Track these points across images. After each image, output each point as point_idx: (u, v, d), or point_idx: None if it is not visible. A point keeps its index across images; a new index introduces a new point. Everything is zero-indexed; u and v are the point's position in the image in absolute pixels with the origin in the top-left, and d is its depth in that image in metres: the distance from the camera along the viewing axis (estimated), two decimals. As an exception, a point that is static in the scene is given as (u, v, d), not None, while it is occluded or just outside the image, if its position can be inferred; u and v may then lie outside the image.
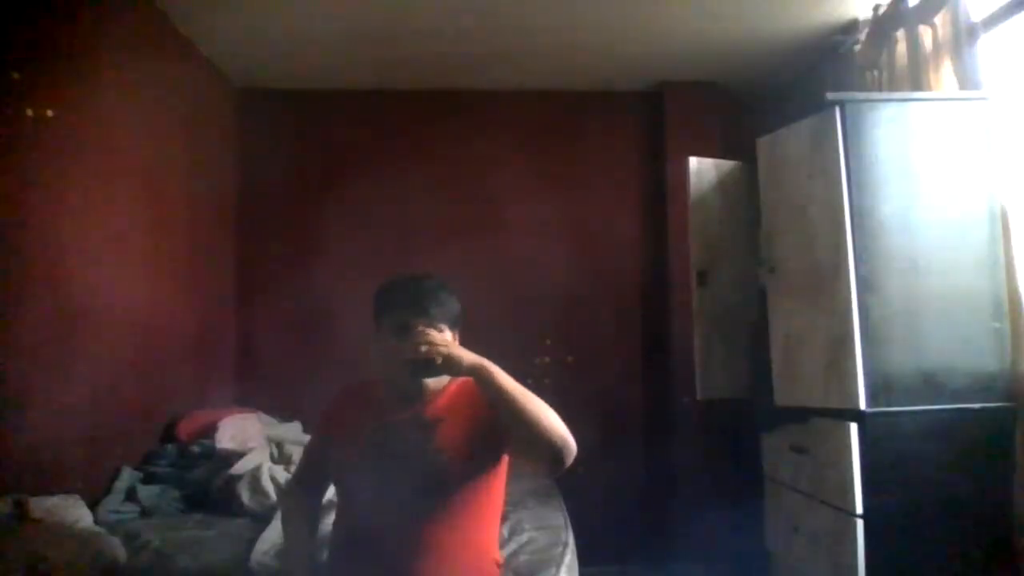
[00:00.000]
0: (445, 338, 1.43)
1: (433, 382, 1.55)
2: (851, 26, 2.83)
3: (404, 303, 1.49)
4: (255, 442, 2.58)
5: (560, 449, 1.34)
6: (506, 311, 3.50)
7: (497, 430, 1.45)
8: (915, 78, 2.39)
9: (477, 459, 1.49)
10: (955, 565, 1.94)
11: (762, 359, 2.39)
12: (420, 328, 1.41)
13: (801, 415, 2.22)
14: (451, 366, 1.37)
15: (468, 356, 1.37)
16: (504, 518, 2.17)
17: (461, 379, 1.58)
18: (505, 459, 1.56)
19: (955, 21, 2.26)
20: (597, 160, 3.69)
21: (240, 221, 3.54)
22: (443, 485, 1.46)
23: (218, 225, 3.38)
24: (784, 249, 2.28)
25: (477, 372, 1.36)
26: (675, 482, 3.43)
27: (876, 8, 2.61)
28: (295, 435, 2.81)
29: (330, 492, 1.73)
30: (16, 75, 1.94)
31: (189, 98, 3.04)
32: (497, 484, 1.56)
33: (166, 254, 2.78)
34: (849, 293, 1.99)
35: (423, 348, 1.35)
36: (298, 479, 1.72)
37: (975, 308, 2.03)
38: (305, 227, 3.54)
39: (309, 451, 1.72)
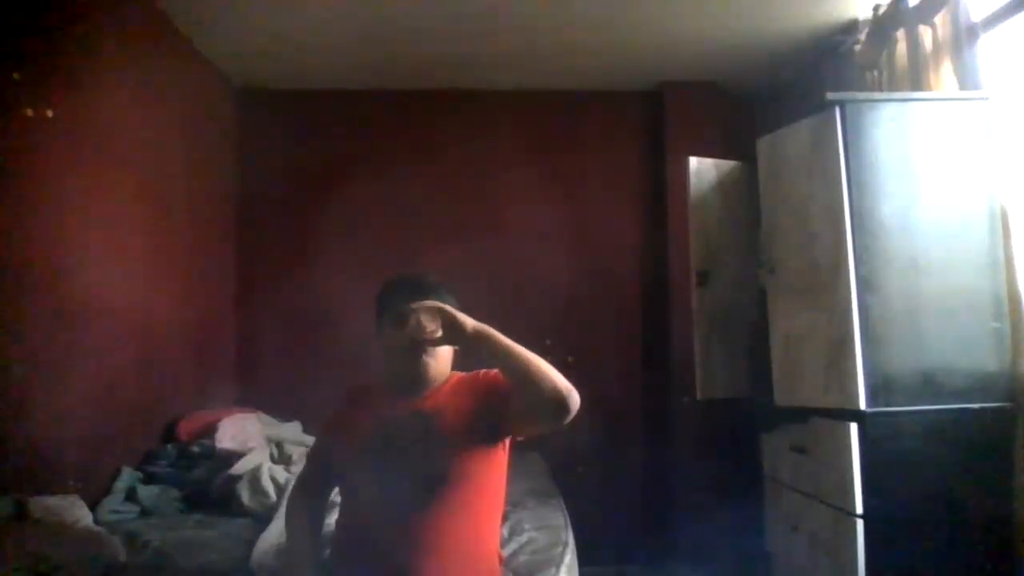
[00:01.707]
0: (446, 306, 1.46)
1: (436, 371, 1.58)
2: (851, 26, 2.83)
3: (405, 295, 1.53)
4: (255, 442, 2.58)
5: (564, 396, 1.38)
6: (506, 311, 3.44)
7: (499, 415, 1.48)
8: (915, 78, 2.39)
9: (479, 449, 1.52)
10: (955, 565, 1.94)
11: (762, 359, 2.39)
12: (419, 304, 1.45)
13: (801, 415, 2.22)
14: (455, 332, 1.42)
15: (470, 321, 1.43)
16: (504, 518, 2.17)
17: (460, 374, 1.63)
18: (506, 450, 1.58)
19: (955, 21, 2.26)
20: (597, 160, 3.68)
21: (240, 221, 3.53)
22: (445, 477, 1.48)
23: (218, 225, 3.38)
24: (784, 249, 2.28)
25: (480, 335, 1.42)
26: (675, 482, 3.43)
27: (876, 8, 2.61)
28: (295, 435, 2.81)
29: (332, 493, 1.73)
30: (16, 75, 1.94)
31: (189, 98, 3.04)
32: (498, 477, 1.58)
33: (166, 254, 2.78)
34: (849, 293, 1.99)
35: (425, 316, 1.41)
36: (302, 483, 1.72)
37: (975, 308, 2.03)
38: (305, 227, 3.53)
39: (312, 454, 1.74)
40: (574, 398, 1.40)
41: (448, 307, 1.45)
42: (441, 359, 1.59)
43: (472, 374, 1.61)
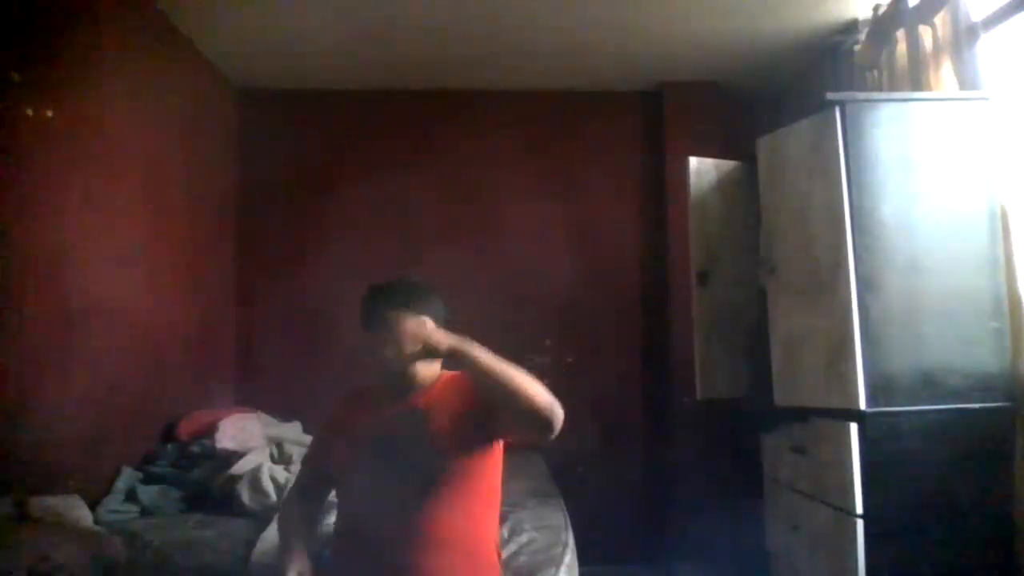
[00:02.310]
0: (422, 322, 1.47)
1: (424, 373, 1.59)
2: (851, 26, 2.83)
3: (385, 301, 1.54)
4: (255, 442, 2.58)
5: (547, 414, 1.39)
6: (506, 311, 3.50)
7: (487, 416, 1.49)
8: (915, 78, 2.39)
9: (470, 446, 1.52)
10: (955, 565, 1.94)
11: (762, 359, 2.38)
12: (394, 320, 1.46)
13: (801, 415, 2.22)
14: (430, 349, 1.43)
15: (446, 338, 1.43)
16: (504, 518, 2.17)
17: (451, 373, 1.63)
18: (500, 447, 1.58)
19: (955, 21, 2.26)
20: (597, 160, 3.68)
21: (240, 221, 3.53)
22: (439, 473, 1.48)
23: (218, 225, 3.38)
24: (784, 249, 2.28)
25: (456, 352, 1.41)
26: (675, 482, 3.43)
27: (876, 8, 2.61)
28: (295, 435, 2.81)
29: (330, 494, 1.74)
30: (16, 75, 1.94)
31: (189, 98, 3.04)
32: (493, 472, 1.58)
33: (166, 254, 2.78)
34: (849, 293, 1.99)
35: (398, 332, 1.42)
36: (299, 488, 1.72)
37: (975, 308, 2.02)
38: (305, 227, 3.53)
39: (308, 458, 1.74)
40: (557, 414, 1.39)
41: (424, 322, 1.45)
42: (427, 362, 1.59)
43: (463, 376, 1.61)
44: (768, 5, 2.78)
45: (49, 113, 2.05)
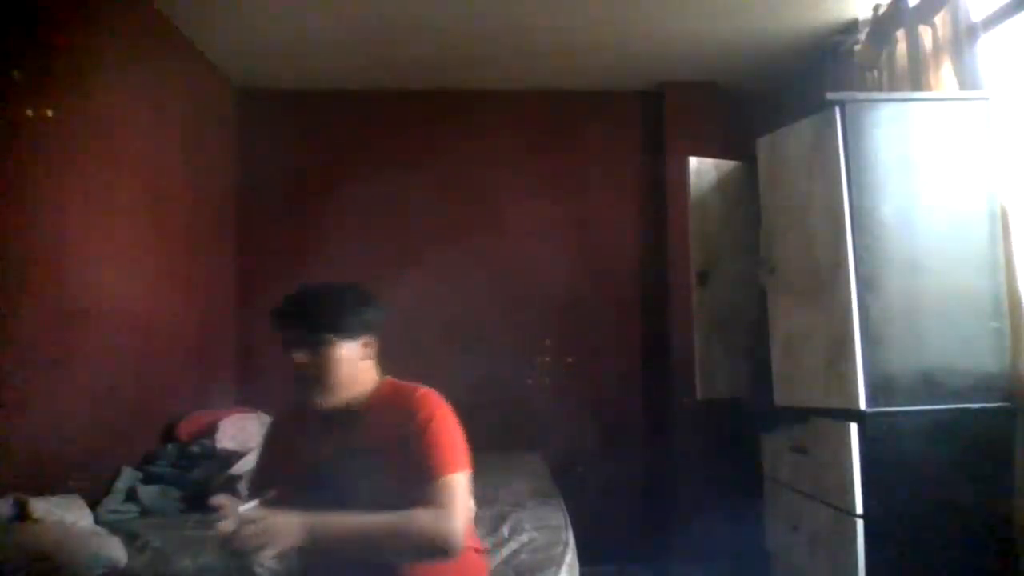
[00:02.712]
0: (253, 532, 1.21)
1: (357, 388, 1.49)
2: (851, 26, 2.83)
3: (278, 316, 1.53)
4: (255, 442, 2.58)
5: (434, 553, 1.29)
6: (506, 311, 3.50)
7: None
8: (915, 78, 2.39)
9: (422, 471, 1.37)
10: (955, 565, 1.94)
11: (762, 359, 2.38)
12: (243, 519, 1.23)
13: (801, 415, 2.22)
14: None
15: (288, 540, 1.23)
16: (504, 518, 2.18)
17: (393, 384, 1.53)
18: None
19: (955, 21, 2.26)
20: (597, 160, 3.69)
21: (240, 221, 3.54)
22: (394, 507, 1.33)
23: (218, 225, 3.38)
24: (784, 249, 2.28)
25: (316, 541, 1.26)
26: (675, 482, 3.43)
27: (876, 8, 2.61)
28: (295, 435, 2.80)
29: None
30: (16, 75, 1.94)
31: (189, 98, 3.04)
32: None
33: (166, 254, 2.78)
34: (849, 293, 1.99)
35: (244, 531, 1.21)
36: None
37: (975, 308, 2.02)
38: (305, 227, 3.53)
39: (254, 484, 1.61)
40: (444, 549, 1.28)
41: (265, 532, 1.21)
42: (348, 380, 1.48)
43: (405, 396, 1.47)
44: (768, 5, 2.78)
45: (49, 113, 2.05)
